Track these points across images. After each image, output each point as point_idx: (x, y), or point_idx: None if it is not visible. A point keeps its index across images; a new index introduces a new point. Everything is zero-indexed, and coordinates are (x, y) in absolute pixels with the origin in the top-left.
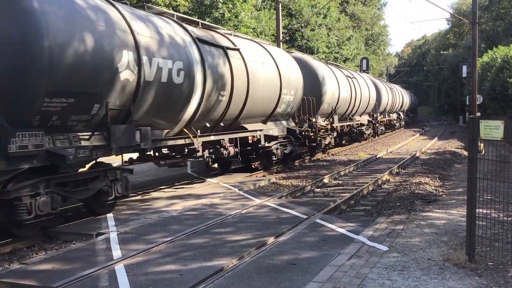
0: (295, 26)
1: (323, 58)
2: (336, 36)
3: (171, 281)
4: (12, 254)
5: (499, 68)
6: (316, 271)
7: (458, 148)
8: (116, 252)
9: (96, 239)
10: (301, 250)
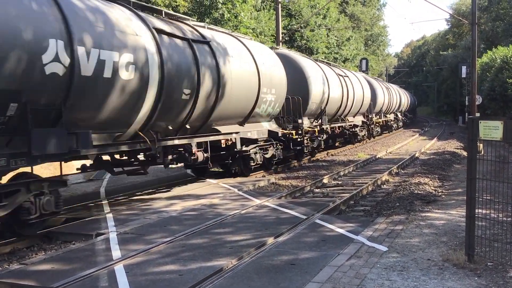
0: (295, 26)
1: (322, 59)
2: (335, 36)
3: (170, 281)
4: (11, 254)
5: (499, 68)
6: (315, 271)
7: (458, 148)
8: (116, 253)
9: (96, 239)
10: (300, 251)
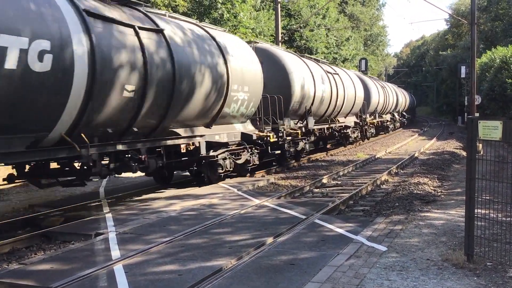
0: (294, 26)
1: (322, 58)
2: (335, 36)
3: (170, 281)
4: (11, 254)
5: (498, 68)
6: (315, 271)
7: (457, 148)
8: (115, 252)
9: (95, 239)
10: (300, 250)
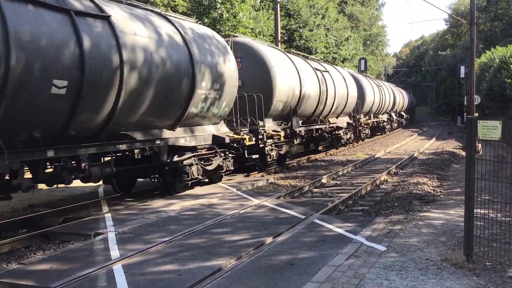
0: (294, 26)
1: (321, 59)
2: (334, 36)
3: (169, 281)
4: (10, 254)
5: (497, 68)
6: (314, 271)
7: (456, 148)
8: (114, 252)
9: (94, 239)
10: (299, 250)
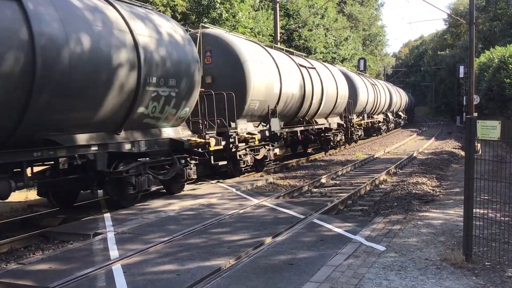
0: (293, 26)
1: (320, 59)
2: (333, 36)
3: (168, 281)
4: (9, 254)
5: (496, 68)
6: (313, 271)
7: (455, 148)
8: (114, 252)
9: (93, 239)
10: (298, 250)
